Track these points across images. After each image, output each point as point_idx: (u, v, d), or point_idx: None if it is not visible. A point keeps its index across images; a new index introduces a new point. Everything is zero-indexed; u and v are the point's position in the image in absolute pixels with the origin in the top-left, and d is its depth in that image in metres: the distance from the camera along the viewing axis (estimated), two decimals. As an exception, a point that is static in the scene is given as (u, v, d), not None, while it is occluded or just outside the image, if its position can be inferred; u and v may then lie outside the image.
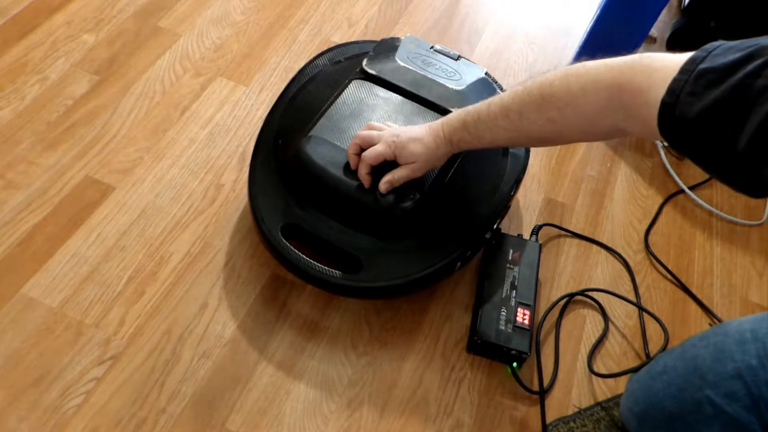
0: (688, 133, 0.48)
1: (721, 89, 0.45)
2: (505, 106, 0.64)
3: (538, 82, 0.61)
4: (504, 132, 0.66)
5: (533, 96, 0.61)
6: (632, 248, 0.94)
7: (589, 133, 0.61)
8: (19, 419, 0.68)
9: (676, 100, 0.48)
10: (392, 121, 0.82)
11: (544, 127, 0.62)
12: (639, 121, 0.53)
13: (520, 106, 0.63)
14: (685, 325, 0.87)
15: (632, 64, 0.53)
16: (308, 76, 0.90)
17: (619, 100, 0.54)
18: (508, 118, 0.64)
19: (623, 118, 0.55)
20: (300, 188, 0.79)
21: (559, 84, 0.59)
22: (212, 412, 0.71)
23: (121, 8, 1.08)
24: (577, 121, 0.59)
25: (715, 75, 0.46)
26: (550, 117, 0.60)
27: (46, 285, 0.77)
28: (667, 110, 0.49)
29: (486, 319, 0.77)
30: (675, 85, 0.48)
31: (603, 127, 0.58)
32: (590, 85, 0.56)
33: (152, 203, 0.86)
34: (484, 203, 0.81)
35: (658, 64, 0.51)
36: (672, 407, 0.62)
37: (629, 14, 0.99)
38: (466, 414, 0.76)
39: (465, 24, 1.21)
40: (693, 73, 0.48)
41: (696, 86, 0.47)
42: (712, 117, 0.46)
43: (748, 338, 0.58)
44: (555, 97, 0.59)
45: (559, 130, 0.61)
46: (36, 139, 0.89)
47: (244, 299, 0.80)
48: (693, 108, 0.47)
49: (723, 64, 0.46)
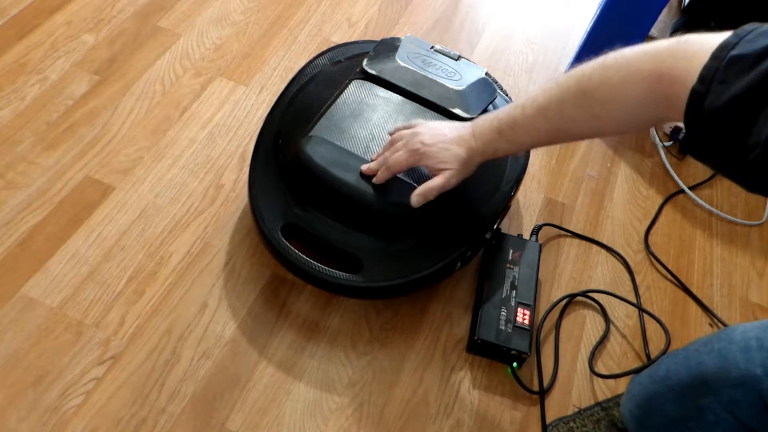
0: (712, 124, 0.45)
1: (751, 76, 0.42)
2: (542, 107, 0.61)
3: (574, 77, 0.58)
4: (545, 134, 0.63)
5: (572, 92, 0.58)
6: (632, 248, 0.94)
7: (634, 125, 0.57)
8: (19, 419, 0.68)
9: (707, 89, 0.45)
10: (393, 121, 0.82)
11: (587, 123, 0.59)
12: (678, 110, 0.49)
13: (559, 104, 0.59)
14: (685, 326, 0.87)
15: (672, 50, 0.50)
16: (308, 76, 0.90)
17: (661, 90, 0.50)
18: (547, 119, 0.61)
19: (666, 108, 0.51)
20: (300, 188, 0.79)
21: (598, 77, 0.56)
22: (212, 412, 0.71)
23: (121, 8, 1.08)
24: (621, 114, 0.56)
25: (746, 62, 0.43)
26: (593, 113, 0.57)
27: (46, 285, 0.77)
28: (696, 99, 0.45)
29: (486, 319, 0.77)
30: (706, 72, 0.45)
31: (648, 119, 0.55)
32: (631, 76, 0.53)
33: (152, 203, 0.86)
34: (484, 203, 0.81)
35: (697, 47, 0.47)
36: (673, 412, 0.62)
37: (629, 14, 0.99)
38: (466, 414, 0.76)
39: (465, 24, 1.21)
40: (724, 60, 0.45)
41: (728, 74, 0.44)
42: (741, 105, 0.43)
43: (753, 346, 0.57)
44: (597, 91, 0.56)
45: (603, 125, 0.59)
46: (36, 139, 0.89)
47: (244, 299, 0.80)
48: (722, 96, 0.44)
49: (754, 51, 0.43)
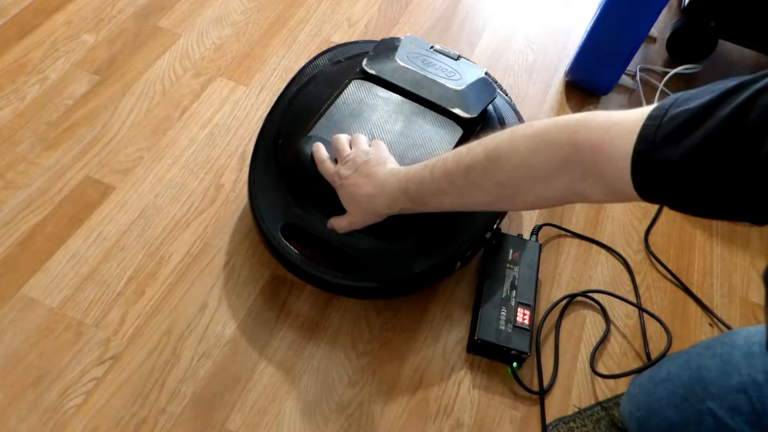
0: (674, 177, 0.44)
1: (705, 127, 0.42)
2: (449, 171, 0.60)
3: (483, 144, 0.57)
4: (450, 198, 0.62)
5: (478, 159, 0.57)
6: (632, 248, 0.94)
7: (542, 197, 0.56)
8: (19, 419, 0.68)
9: (651, 147, 0.44)
10: (392, 121, 0.82)
11: (492, 192, 0.58)
12: (599, 180, 0.49)
13: (466, 171, 0.58)
14: (685, 326, 0.87)
15: (586, 121, 0.50)
16: (308, 76, 0.90)
17: (575, 159, 0.50)
18: (453, 184, 0.60)
19: (580, 177, 0.51)
20: (300, 188, 0.79)
21: (506, 146, 0.55)
22: (212, 412, 0.71)
23: (121, 8, 1.08)
24: (528, 183, 0.55)
25: (691, 115, 0.43)
26: (498, 181, 0.56)
27: (46, 285, 0.77)
28: (642, 159, 0.45)
29: (486, 319, 0.77)
30: (646, 131, 0.45)
31: (559, 190, 0.53)
32: (541, 146, 0.52)
33: (152, 203, 0.86)
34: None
35: (617, 118, 0.48)
36: (674, 416, 0.62)
37: (629, 14, 0.99)
38: (466, 414, 0.76)
39: (465, 24, 1.21)
40: (664, 118, 0.45)
41: (670, 128, 0.44)
42: (705, 154, 0.42)
43: (756, 351, 0.57)
44: (502, 160, 0.55)
45: (510, 195, 0.57)
46: (36, 139, 0.89)
47: (244, 299, 0.80)
48: (676, 150, 0.43)
49: (698, 106, 0.44)
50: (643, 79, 1.17)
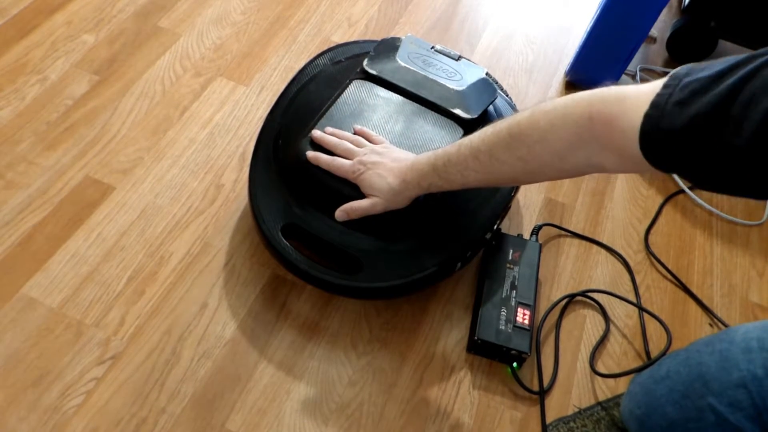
0: (677, 144, 0.45)
1: (711, 94, 0.43)
2: (474, 148, 0.63)
3: (506, 122, 0.60)
4: (474, 174, 0.64)
5: (501, 136, 0.60)
6: (632, 248, 0.94)
7: (562, 170, 0.58)
8: (19, 419, 0.68)
9: (661, 112, 0.46)
10: (393, 121, 0.82)
11: (514, 166, 0.60)
12: (614, 152, 0.51)
13: (490, 146, 0.61)
14: (685, 326, 0.87)
15: (602, 95, 0.52)
16: (308, 75, 0.90)
17: (590, 132, 0.52)
18: (478, 160, 0.63)
19: (597, 150, 0.53)
20: (300, 188, 0.79)
21: (526, 122, 0.57)
22: (212, 412, 0.71)
23: (121, 8, 1.08)
24: (548, 157, 0.57)
25: (702, 83, 0.44)
26: (519, 155, 0.59)
27: (46, 285, 0.77)
28: (651, 123, 0.46)
29: (486, 319, 0.77)
30: (659, 98, 0.46)
31: (576, 162, 0.56)
32: (559, 120, 0.54)
33: (152, 203, 0.86)
34: (484, 203, 0.81)
35: (631, 92, 0.50)
36: (674, 413, 0.62)
37: (629, 14, 0.99)
38: (466, 414, 0.76)
39: (465, 24, 1.21)
40: (677, 87, 0.46)
41: (682, 95, 0.45)
42: (704, 122, 0.43)
43: (754, 347, 0.58)
44: (523, 135, 0.58)
45: (531, 169, 0.60)
46: (36, 139, 0.89)
47: (244, 299, 0.80)
48: (681, 116, 0.44)
49: (709, 75, 0.44)
50: (643, 79, 1.17)
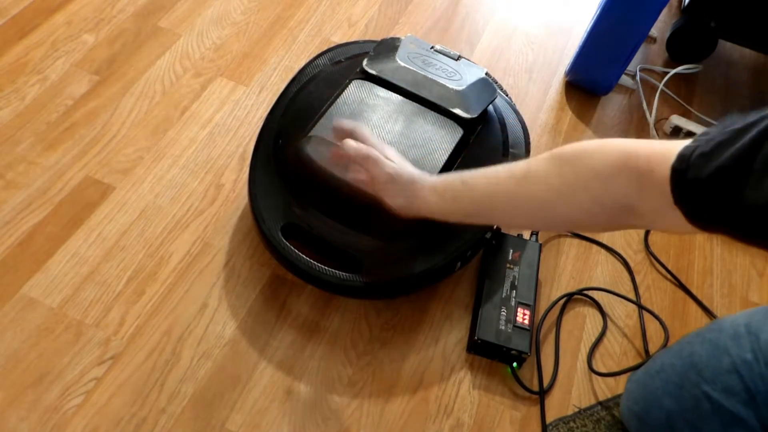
0: (704, 194, 0.44)
1: (736, 146, 0.42)
2: (510, 167, 0.60)
3: (549, 154, 0.57)
4: (504, 195, 0.60)
5: (543, 156, 0.57)
6: (632, 248, 0.94)
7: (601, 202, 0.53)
8: (19, 419, 0.68)
9: (687, 165, 0.45)
10: (393, 121, 0.82)
11: (551, 186, 0.56)
12: (652, 197, 0.49)
13: (528, 164, 0.59)
14: (685, 326, 0.87)
15: (634, 142, 0.51)
16: (308, 76, 0.90)
17: (633, 166, 0.50)
18: (512, 177, 0.59)
19: (637, 190, 0.50)
20: (300, 188, 0.79)
21: (571, 151, 0.55)
22: (212, 412, 0.71)
23: (121, 8, 1.08)
24: (589, 179, 0.53)
25: (726, 136, 0.44)
26: (560, 172, 0.55)
27: (46, 285, 0.77)
28: (678, 176, 0.45)
29: (486, 319, 0.77)
30: (686, 150, 0.45)
31: (616, 197, 0.52)
32: (598, 154, 0.52)
33: (152, 203, 0.86)
34: (484, 203, 0.81)
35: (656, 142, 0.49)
36: (671, 405, 0.63)
37: (629, 14, 0.99)
38: (466, 414, 0.76)
39: (465, 24, 1.21)
40: (705, 141, 0.45)
41: (707, 148, 0.44)
42: (730, 174, 0.43)
43: (742, 332, 0.59)
44: (566, 154, 0.55)
45: (568, 191, 0.55)
46: (36, 139, 0.89)
47: (244, 299, 0.80)
48: (707, 168, 0.44)
49: (734, 128, 0.44)
50: (643, 79, 1.17)
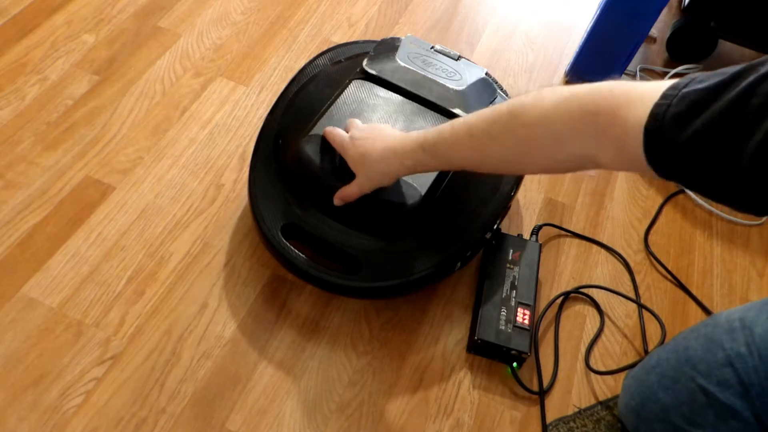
0: (679, 158, 0.45)
1: (711, 110, 0.43)
2: (470, 125, 0.61)
3: (507, 102, 0.58)
4: (465, 152, 0.62)
5: (502, 114, 0.58)
6: (632, 248, 0.94)
7: (556, 159, 0.56)
8: (19, 419, 0.68)
9: (659, 125, 0.45)
10: (393, 121, 0.82)
11: (508, 149, 0.58)
12: (613, 146, 0.50)
13: (488, 124, 0.59)
14: (685, 326, 0.87)
15: (610, 87, 0.50)
16: (308, 76, 0.90)
17: (593, 122, 0.51)
18: (472, 137, 0.60)
19: (594, 143, 0.51)
20: (300, 188, 0.79)
21: (530, 101, 0.56)
22: (212, 412, 0.71)
23: (121, 8, 1.08)
24: (545, 140, 0.55)
25: (700, 96, 0.44)
26: (517, 134, 0.57)
27: (46, 285, 0.77)
28: (652, 137, 0.46)
29: (486, 319, 0.77)
30: (657, 109, 0.46)
31: (572, 151, 0.54)
32: (563, 103, 0.53)
33: (152, 203, 0.86)
34: (484, 203, 0.81)
35: (639, 89, 0.49)
36: (666, 399, 0.64)
37: (629, 14, 0.99)
38: (466, 414, 0.76)
39: (465, 24, 1.21)
40: (676, 97, 0.45)
41: (680, 108, 0.45)
42: (706, 139, 0.44)
43: (736, 327, 0.60)
44: (525, 113, 0.56)
45: (524, 151, 0.58)
46: (36, 139, 0.89)
47: (244, 299, 0.80)
48: (682, 132, 0.44)
49: (707, 87, 0.44)
50: (643, 79, 1.17)
